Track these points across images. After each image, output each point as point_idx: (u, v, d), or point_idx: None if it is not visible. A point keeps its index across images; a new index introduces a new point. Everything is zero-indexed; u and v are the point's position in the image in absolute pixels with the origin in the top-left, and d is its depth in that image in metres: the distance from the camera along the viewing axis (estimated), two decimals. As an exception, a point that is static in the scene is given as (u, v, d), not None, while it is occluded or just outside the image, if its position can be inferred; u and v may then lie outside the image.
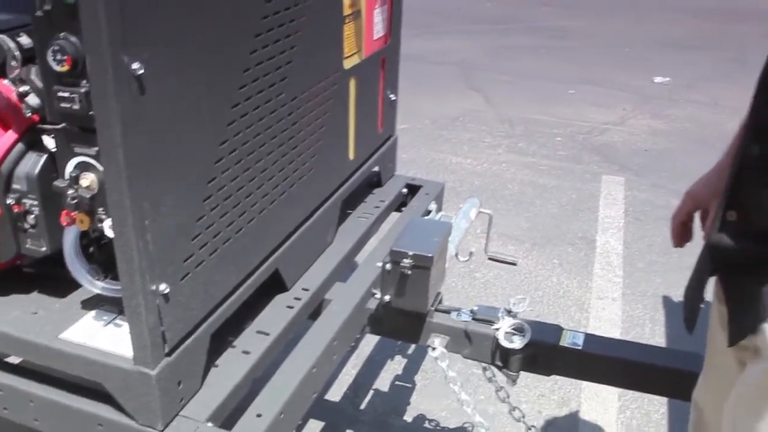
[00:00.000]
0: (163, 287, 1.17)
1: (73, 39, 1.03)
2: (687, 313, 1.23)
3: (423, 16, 7.06)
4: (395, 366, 2.47)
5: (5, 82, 1.29)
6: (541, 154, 4.42)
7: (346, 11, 1.71)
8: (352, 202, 2.01)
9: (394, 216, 2.16)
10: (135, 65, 1.01)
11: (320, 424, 2.23)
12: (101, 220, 1.16)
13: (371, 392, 2.36)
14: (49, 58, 1.04)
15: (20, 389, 1.34)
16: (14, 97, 1.26)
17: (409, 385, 2.37)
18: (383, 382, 2.41)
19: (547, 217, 3.61)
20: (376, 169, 2.13)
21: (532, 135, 4.68)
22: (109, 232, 1.14)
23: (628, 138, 4.74)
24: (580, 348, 1.62)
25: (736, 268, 1.07)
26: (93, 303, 1.39)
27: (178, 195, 1.19)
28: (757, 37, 6.83)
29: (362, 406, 2.31)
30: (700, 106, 5.28)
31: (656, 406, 2.36)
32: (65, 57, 1.03)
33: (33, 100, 1.24)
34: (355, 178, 1.94)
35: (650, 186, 4.00)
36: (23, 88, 1.24)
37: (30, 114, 1.25)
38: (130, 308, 1.16)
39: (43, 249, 1.33)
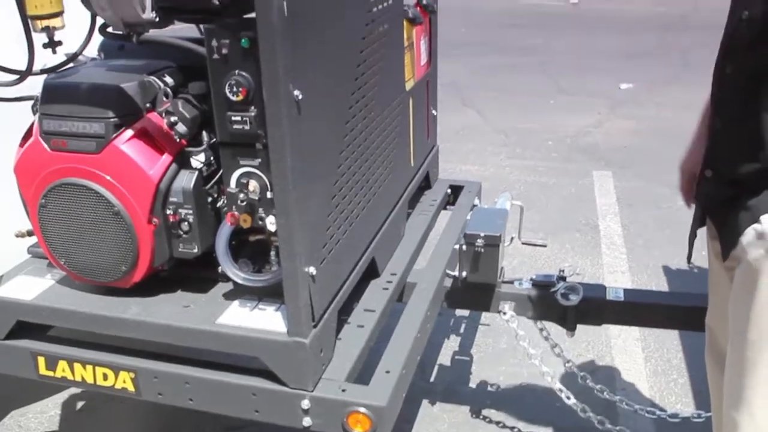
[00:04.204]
0: (312, 269, 1.31)
1: (245, 74, 1.20)
2: (689, 249, 1.50)
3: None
4: (452, 344, 2.60)
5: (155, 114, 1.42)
6: (538, 157, 4.59)
7: (405, 43, 1.91)
8: (410, 202, 2.18)
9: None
10: (296, 92, 1.18)
11: (399, 398, 2.36)
12: (262, 219, 1.31)
13: (437, 367, 2.48)
14: (227, 90, 1.20)
15: (177, 373, 1.43)
16: (165, 126, 1.39)
17: (467, 358, 2.50)
18: (444, 358, 2.53)
19: (553, 210, 3.77)
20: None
21: (526, 142, 4.85)
22: (272, 227, 1.30)
23: (607, 138, 4.93)
24: (622, 300, 1.82)
25: (718, 207, 1.33)
26: (233, 294, 1.50)
27: (318, 193, 1.35)
28: (692, 45, 7.14)
29: (431, 379, 2.43)
30: (662, 106, 5.48)
31: (674, 353, 2.52)
32: (241, 89, 1.19)
33: (181, 128, 1.37)
34: (415, 180, 2.12)
35: (634, 176, 4.20)
36: (173, 119, 1.38)
37: (179, 139, 1.40)
38: (288, 287, 1.29)
39: (195, 251, 1.45)
